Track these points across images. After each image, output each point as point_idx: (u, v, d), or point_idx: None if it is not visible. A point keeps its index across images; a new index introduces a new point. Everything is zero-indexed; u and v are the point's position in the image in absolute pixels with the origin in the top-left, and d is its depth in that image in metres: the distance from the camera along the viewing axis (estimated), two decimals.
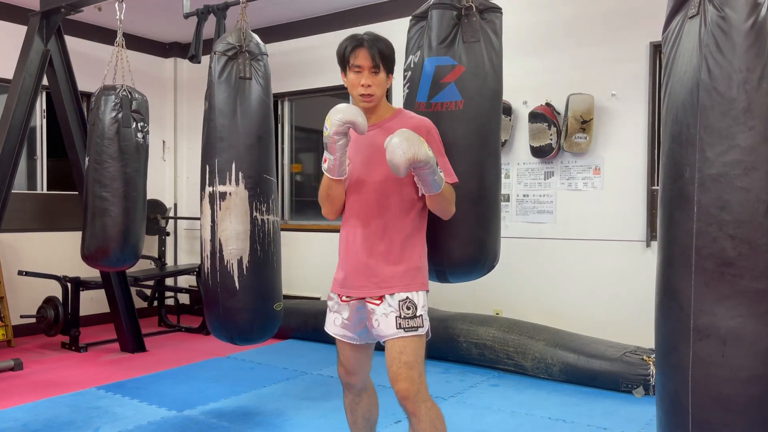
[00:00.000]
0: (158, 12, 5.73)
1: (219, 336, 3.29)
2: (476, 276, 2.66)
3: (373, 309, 2.22)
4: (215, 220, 3.16)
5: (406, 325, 2.17)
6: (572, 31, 4.67)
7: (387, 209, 2.24)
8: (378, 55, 2.22)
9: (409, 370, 2.14)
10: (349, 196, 2.30)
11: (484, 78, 2.53)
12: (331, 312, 2.38)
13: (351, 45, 2.24)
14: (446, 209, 2.26)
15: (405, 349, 2.16)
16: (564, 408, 3.68)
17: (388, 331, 2.18)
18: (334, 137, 2.13)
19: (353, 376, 2.41)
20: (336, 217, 2.36)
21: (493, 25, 2.58)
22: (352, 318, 2.32)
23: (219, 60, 3.20)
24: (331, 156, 2.18)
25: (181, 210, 6.90)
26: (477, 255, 2.58)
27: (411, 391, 2.14)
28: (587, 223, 4.63)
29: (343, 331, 2.35)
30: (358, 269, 2.26)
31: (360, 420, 2.48)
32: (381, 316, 2.20)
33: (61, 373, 4.48)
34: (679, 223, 1.69)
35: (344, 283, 2.31)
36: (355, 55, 2.22)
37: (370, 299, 2.23)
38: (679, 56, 1.73)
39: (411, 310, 2.19)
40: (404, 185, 2.23)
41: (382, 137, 2.18)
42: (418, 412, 2.14)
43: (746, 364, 1.59)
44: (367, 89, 2.23)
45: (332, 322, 2.37)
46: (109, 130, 4.18)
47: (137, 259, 4.44)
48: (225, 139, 3.17)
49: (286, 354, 4.99)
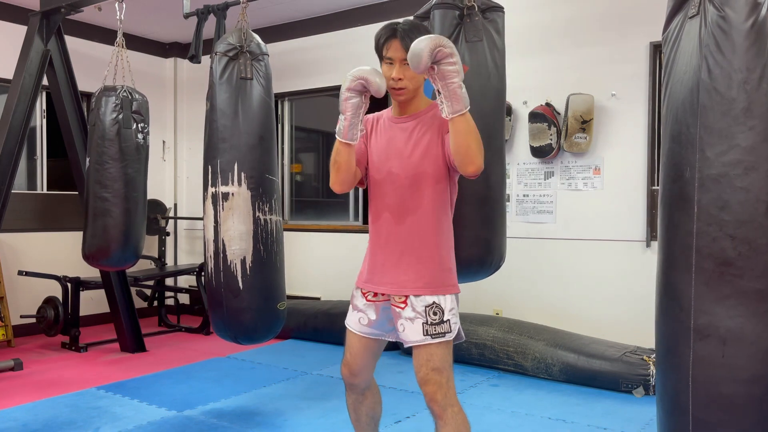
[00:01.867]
0: (158, 12, 5.73)
1: (223, 336, 3.30)
2: (482, 276, 2.65)
3: (398, 312, 2.18)
4: (218, 221, 3.16)
5: (433, 331, 2.12)
6: (572, 31, 4.68)
7: (419, 205, 2.15)
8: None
9: (437, 375, 2.12)
10: (380, 188, 2.21)
11: (487, 77, 2.54)
12: (355, 311, 2.32)
13: (384, 35, 2.14)
14: (472, 147, 1.99)
15: (432, 356, 2.13)
16: (564, 408, 3.69)
17: (414, 337, 2.14)
18: (346, 93, 2.04)
19: (357, 377, 2.37)
20: (342, 189, 2.20)
21: (495, 24, 2.58)
22: (380, 317, 2.27)
23: (220, 60, 3.20)
24: (342, 116, 2.08)
25: (181, 210, 6.90)
26: (483, 256, 2.57)
27: (439, 395, 2.12)
28: (587, 223, 4.63)
29: (369, 329, 2.30)
30: (386, 265, 2.20)
31: (363, 417, 2.46)
32: (406, 321, 2.15)
33: (61, 373, 4.47)
34: (679, 223, 1.70)
35: (370, 278, 2.26)
36: (388, 46, 2.12)
37: (395, 301, 2.19)
38: (679, 56, 1.73)
39: (438, 316, 2.14)
40: (437, 181, 2.15)
41: (418, 130, 2.13)
42: (444, 415, 2.13)
43: (746, 364, 1.59)
44: (398, 83, 2.11)
45: (357, 321, 2.31)
46: (110, 131, 4.19)
47: (138, 259, 4.45)
48: (227, 139, 3.17)
49: (286, 354, 4.99)
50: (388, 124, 2.22)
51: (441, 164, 2.14)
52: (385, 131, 2.22)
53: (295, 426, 3.40)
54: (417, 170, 2.14)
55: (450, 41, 1.95)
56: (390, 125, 2.21)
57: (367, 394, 2.45)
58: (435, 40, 1.91)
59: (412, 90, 2.15)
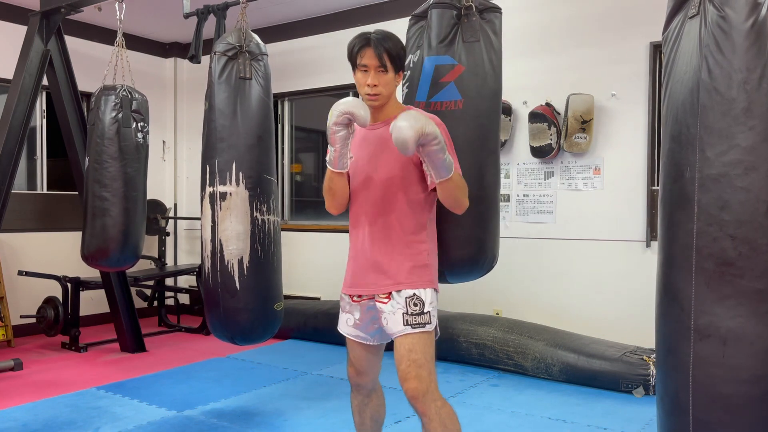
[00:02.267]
0: (158, 12, 5.73)
1: (220, 336, 3.29)
2: (475, 276, 2.65)
3: (381, 308, 2.22)
4: (216, 221, 3.16)
5: (414, 321, 2.16)
6: (572, 31, 4.68)
7: (394, 207, 2.22)
8: (385, 55, 2.19)
9: (418, 368, 2.12)
10: (357, 193, 2.29)
11: (483, 78, 2.53)
12: (343, 312, 2.37)
13: (358, 44, 2.23)
14: (459, 199, 2.20)
15: (414, 346, 2.14)
16: (564, 408, 3.68)
17: (395, 328, 2.17)
18: (333, 128, 2.12)
19: (364, 377, 2.39)
20: (338, 211, 2.34)
21: (492, 25, 2.58)
22: (363, 318, 2.31)
23: (219, 60, 3.20)
24: (331, 148, 2.17)
25: (181, 210, 6.90)
26: (476, 255, 2.57)
27: (420, 390, 2.11)
28: (587, 223, 4.63)
29: (355, 331, 2.34)
30: (366, 267, 2.26)
31: (368, 421, 2.46)
32: (389, 314, 2.19)
33: (61, 373, 4.47)
34: (679, 223, 1.69)
35: (353, 282, 2.31)
36: (362, 54, 2.21)
37: (379, 298, 2.23)
38: (679, 56, 1.73)
39: (418, 307, 2.17)
40: (411, 183, 2.22)
41: (389, 134, 2.18)
42: (428, 411, 2.11)
43: (746, 364, 1.59)
44: (373, 89, 2.21)
45: (345, 322, 2.37)
46: (109, 130, 4.18)
47: (137, 259, 4.44)
48: (225, 139, 3.17)
49: (286, 354, 4.98)
50: (362, 131, 2.28)
51: (413, 168, 2.21)
52: (359, 139, 2.27)
53: (295, 426, 3.40)
54: (390, 174, 2.22)
55: (427, 119, 2.03)
56: (364, 132, 2.27)
57: (373, 397, 2.45)
58: (416, 127, 1.98)
59: (386, 96, 2.24)
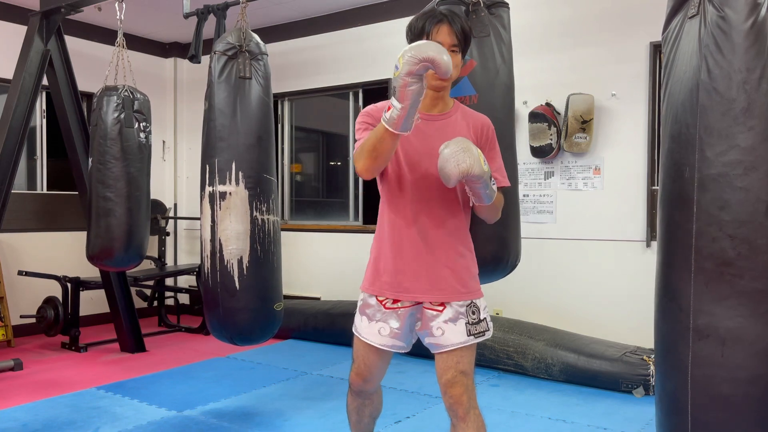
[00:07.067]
0: (158, 12, 5.73)
1: (219, 336, 3.29)
2: (498, 276, 2.57)
3: (432, 315, 2.10)
4: (215, 220, 3.16)
5: (475, 330, 2.09)
6: (572, 31, 4.68)
7: (451, 211, 2.08)
8: (461, 33, 2.03)
9: (465, 377, 2.09)
10: (411, 188, 2.06)
11: (496, 72, 2.53)
12: (372, 321, 2.16)
13: (432, 20, 2.02)
14: (493, 217, 2.14)
15: (463, 358, 2.08)
16: (564, 408, 3.68)
17: (457, 338, 2.07)
18: (405, 79, 1.73)
19: (370, 384, 2.31)
20: (371, 176, 2.02)
21: (501, 19, 2.58)
22: (404, 326, 2.14)
23: (219, 60, 3.20)
24: (398, 104, 1.77)
25: (181, 210, 6.90)
26: (499, 253, 2.53)
27: (465, 398, 2.09)
28: (587, 223, 4.63)
29: (392, 341, 2.15)
30: (417, 271, 2.07)
31: (366, 419, 2.43)
32: (445, 324, 2.08)
33: (61, 373, 4.48)
34: (679, 223, 1.69)
35: (398, 286, 2.10)
36: (437, 30, 2.00)
37: (431, 305, 2.10)
38: (679, 56, 1.73)
39: (476, 315, 2.10)
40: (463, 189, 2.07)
41: (451, 131, 2.05)
42: (467, 417, 2.10)
43: (746, 364, 1.59)
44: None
45: (377, 332, 2.15)
46: (112, 131, 4.20)
47: (142, 259, 4.45)
48: (225, 138, 3.17)
49: (286, 354, 4.99)
50: (420, 121, 2.03)
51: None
52: (416, 128, 1.97)
53: (295, 426, 3.40)
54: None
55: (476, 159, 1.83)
56: (422, 122, 2.04)
57: (373, 397, 2.41)
58: (462, 168, 1.81)
59: (453, 80, 2.09)
